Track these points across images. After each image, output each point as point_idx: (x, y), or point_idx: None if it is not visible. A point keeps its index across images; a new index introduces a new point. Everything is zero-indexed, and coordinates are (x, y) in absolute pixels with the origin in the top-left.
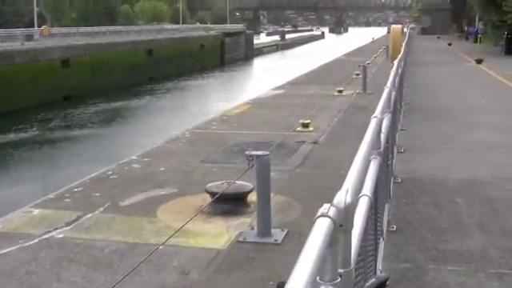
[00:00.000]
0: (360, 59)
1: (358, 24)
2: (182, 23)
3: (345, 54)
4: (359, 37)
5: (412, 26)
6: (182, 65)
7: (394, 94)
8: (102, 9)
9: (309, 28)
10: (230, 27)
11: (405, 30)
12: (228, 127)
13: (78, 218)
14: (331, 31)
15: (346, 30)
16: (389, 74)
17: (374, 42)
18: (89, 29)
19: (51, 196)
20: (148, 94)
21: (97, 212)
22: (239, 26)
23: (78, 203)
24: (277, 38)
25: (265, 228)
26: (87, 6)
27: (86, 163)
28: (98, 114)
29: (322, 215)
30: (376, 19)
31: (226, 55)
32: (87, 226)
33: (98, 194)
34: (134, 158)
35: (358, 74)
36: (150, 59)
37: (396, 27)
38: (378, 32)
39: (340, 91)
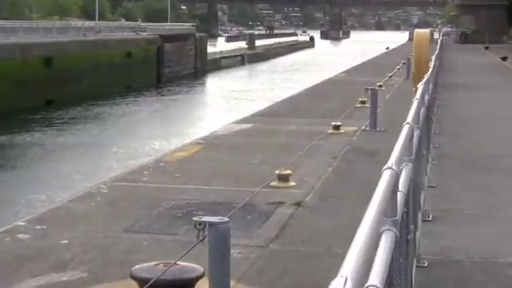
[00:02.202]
0: (367, 80)
1: (364, 26)
2: (99, 19)
3: (345, 72)
4: (366, 45)
5: (446, 29)
6: (98, 82)
7: (417, 133)
8: None
9: (291, 31)
10: (171, 27)
11: (435, 35)
12: (167, 179)
13: None
14: (324, 36)
15: (346, 35)
16: (410, 102)
17: (388, 53)
18: None
19: None
20: (44, 124)
21: None
22: (186, 27)
23: None
24: (242, 44)
25: None
26: None
27: None
28: None
29: None
30: (392, 20)
31: (166, 70)
32: None
33: None
34: (21, 223)
35: (363, 103)
36: (48, 73)
37: (422, 32)
38: (395, 38)
39: (336, 127)
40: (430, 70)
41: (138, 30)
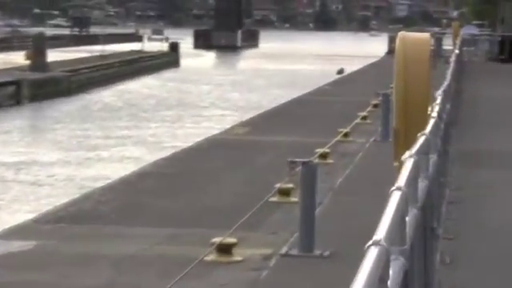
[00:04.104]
0: (293, 141)
1: (291, 21)
2: None
3: (243, 123)
4: (295, 64)
5: (470, 31)
6: None
7: (400, 263)
8: None
9: (129, 31)
10: None
11: (445, 45)
12: None
13: None
14: (204, 43)
15: (251, 41)
16: (386, 195)
17: (342, 82)
18: None
19: None
20: None
21: None
22: None
23: None
24: (18, 58)
25: None
26: None
27: None
28: None
29: None
30: (351, 9)
31: None
32: None
33: None
34: None
35: (285, 194)
36: None
37: (414, 39)
38: (359, 49)
39: (225, 250)
40: (432, 121)
41: None
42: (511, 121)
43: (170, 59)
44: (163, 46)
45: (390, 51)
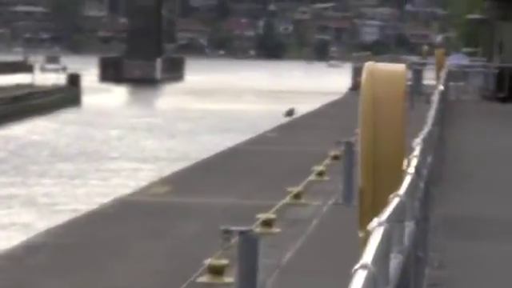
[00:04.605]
0: (225, 204)
1: (228, 49)
2: None
3: (163, 180)
4: (230, 103)
5: (458, 61)
6: None
7: None
8: None
9: (17, 59)
10: None
11: (425, 79)
12: None
13: None
14: (111, 76)
15: (175, 73)
16: (348, 275)
17: (292, 127)
18: None
19: None
20: None
21: None
22: None
23: None
24: None
25: None
26: None
27: None
28: None
29: None
30: (306, 31)
31: None
32: None
33: None
34: None
35: (219, 274)
36: None
37: (386, 72)
38: (316, 83)
39: None
40: (408, 179)
41: None
42: (509, 179)
43: (68, 96)
44: (60, 79)
45: (355, 87)
